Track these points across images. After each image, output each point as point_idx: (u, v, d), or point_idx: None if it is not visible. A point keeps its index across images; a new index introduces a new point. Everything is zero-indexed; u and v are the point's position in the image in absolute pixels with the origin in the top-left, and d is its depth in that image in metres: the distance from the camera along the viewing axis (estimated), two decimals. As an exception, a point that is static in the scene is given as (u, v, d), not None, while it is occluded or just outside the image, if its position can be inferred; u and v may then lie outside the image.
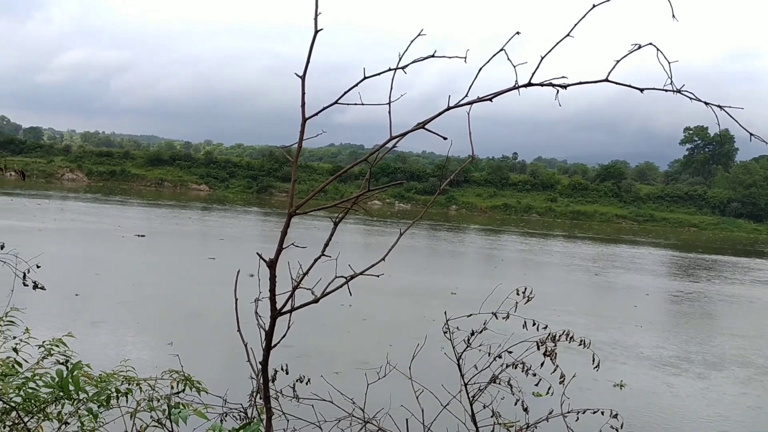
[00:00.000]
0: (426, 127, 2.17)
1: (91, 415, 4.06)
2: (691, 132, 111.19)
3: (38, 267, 3.24)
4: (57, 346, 4.57)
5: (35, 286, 3.18)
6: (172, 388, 4.16)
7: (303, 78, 2.28)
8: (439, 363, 3.50)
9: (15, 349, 4.49)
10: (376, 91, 2.27)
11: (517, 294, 3.28)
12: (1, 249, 2.92)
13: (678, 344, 19.89)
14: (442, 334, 3.44)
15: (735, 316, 27.34)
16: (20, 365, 4.32)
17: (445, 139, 2.24)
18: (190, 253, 33.52)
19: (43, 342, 4.61)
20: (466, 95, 2.14)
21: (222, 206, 75.84)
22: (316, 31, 2.14)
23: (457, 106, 2.14)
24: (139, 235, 36.61)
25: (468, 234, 65.15)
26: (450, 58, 2.20)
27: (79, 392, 3.78)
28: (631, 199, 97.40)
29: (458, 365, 3.16)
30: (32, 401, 3.86)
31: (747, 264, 50.78)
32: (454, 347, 3.22)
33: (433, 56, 2.18)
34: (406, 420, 3.06)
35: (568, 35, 2.09)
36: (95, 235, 37.36)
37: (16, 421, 3.95)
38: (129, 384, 4.23)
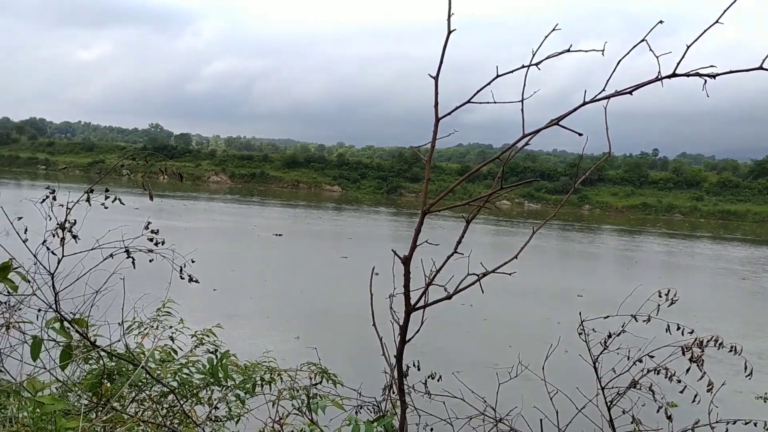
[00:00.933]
0: (560, 123, 2.12)
1: (238, 401, 4.41)
2: None
3: (193, 262, 3.50)
4: (207, 335, 4.92)
5: (190, 279, 3.41)
6: (311, 379, 4.33)
7: (436, 79, 2.29)
8: (570, 365, 3.39)
9: (171, 338, 4.85)
10: (506, 88, 2.25)
11: (660, 296, 3.10)
12: (162, 244, 3.24)
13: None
14: (569, 337, 3.33)
15: None
16: (176, 352, 4.65)
17: (580, 135, 2.19)
18: (323, 252, 34.70)
19: (195, 332, 4.95)
20: (604, 89, 2.05)
21: (352, 206, 77.86)
22: (449, 32, 2.15)
23: (594, 100, 2.06)
24: (276, 234, 38.63)
25: (601, 234, 62.81)
26: (586, 52, 2.14)
27: (227, 379, 4.05)
28: None
29: (594, 368, 3.05)
30: (186, 386, 4.22)
31: None
32: (590, 349, 3.11)
33: (568, 51, 2.13)
34: (540, 421, 3.00)
35: (717, 22, 1.96)
36: (234, 233, 39.89)
37: (173, 404, 4.28)
38: (271, 374, 4.47)
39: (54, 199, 3.08)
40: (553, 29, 2.12)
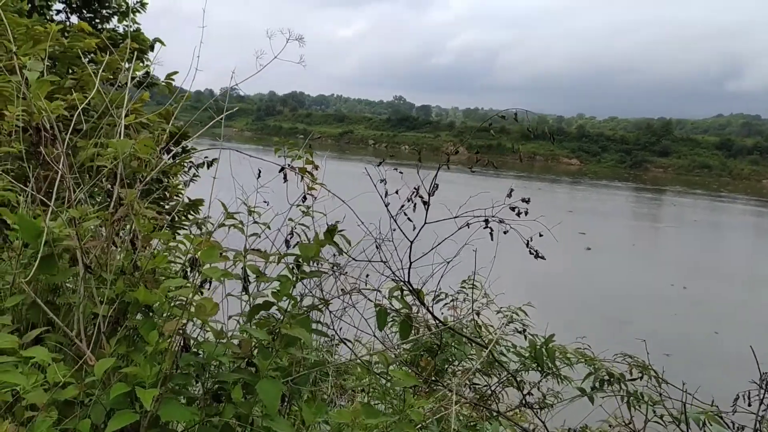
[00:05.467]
0: None
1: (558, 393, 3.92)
2: None
3: (540, 236, 3.10)
4: (516, 313, 4.55)
5: (537, 256, 3.09)
6: (630, 373, 3.73)
7: None
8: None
9: (477, 312, 4.47)
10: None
11: None
12: (526, 214, 3.02)
13: None
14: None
15: None
16: (484, 328, 4.37)
17: None
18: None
19: (501, 308, 4.59)
20: None
21: (597, 181, 72.28)
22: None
23: None
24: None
25: None
26: None
27: (551, 364, 3.67)
28: None
29: None
30: (502, 367, 3.85)
31: None
32: None
33: None
34: None
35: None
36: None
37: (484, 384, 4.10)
38: (593, 365, 3.85)
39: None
40: None
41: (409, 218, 3.13)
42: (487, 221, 3.02)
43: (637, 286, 20.27)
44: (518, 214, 3.04)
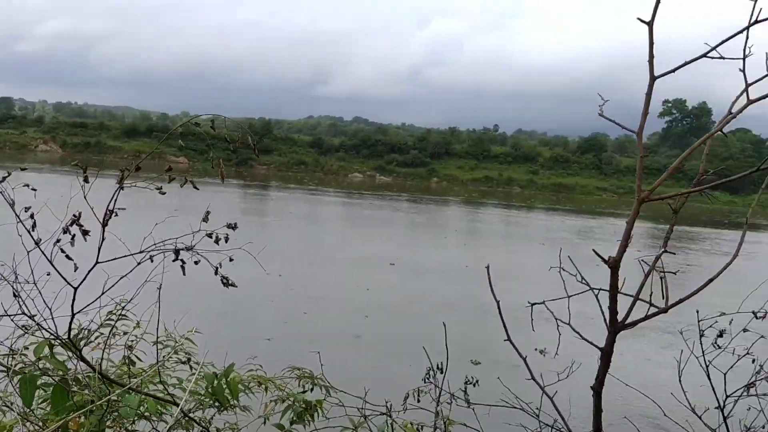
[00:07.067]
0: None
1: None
2: (669, 105, 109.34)
3: (231, 260, 2.59)
4: (178, 342, 3.75)
5: (227, 284, 2.64)
6: (303, 387, 3.62)
7: (650, 24, 1.94)
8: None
9: (130, 347, 3.61)
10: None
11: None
12: (226, 241, 2.52)
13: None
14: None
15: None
16: (134, 364, 3.56)
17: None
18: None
19: (159, 338, 3.56)
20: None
21: (208, 180, 65.75)
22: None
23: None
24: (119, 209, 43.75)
25: (447, 206, 65.06)
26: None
27: (235, 399, 3.15)
28: (612, 171, 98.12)
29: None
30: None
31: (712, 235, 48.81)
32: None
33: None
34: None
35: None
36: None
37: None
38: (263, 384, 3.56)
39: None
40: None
41: (68, 255, 2.38)
42: (177, 252, 2.49)
43: (239, 280, 20.86)
44: (216, 241, 2.56)
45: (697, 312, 2.74)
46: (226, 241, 2.57)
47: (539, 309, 2.39)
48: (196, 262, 2.45)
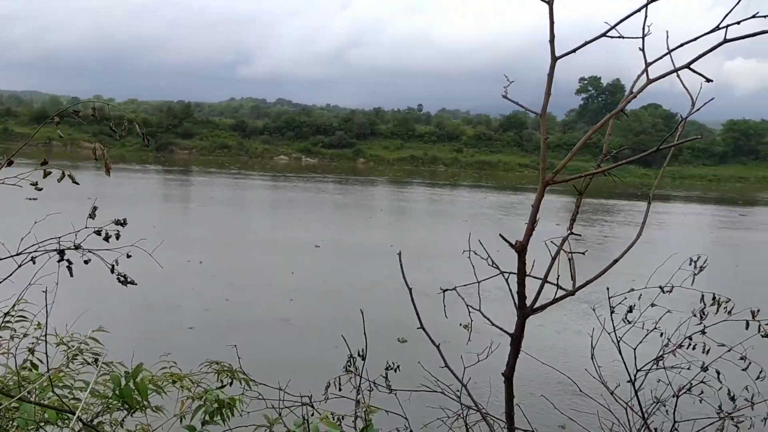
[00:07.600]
0: (691, 68, 1.87)
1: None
2: (585, 82, 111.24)
3: (129, 257, 2.44)
4: (86, 343, 3.54)
5: (125, 282, 2.44)
6: (221, 381, 3.50)
7: (551, 4, 1.93)
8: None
9: (31, 350, 3.39)
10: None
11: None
12: (117, 238, 2.34)
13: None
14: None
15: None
16: (36, 367, 3.34)
17: (709, 81, 1.92)
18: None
19: (62, 338, 3.50)
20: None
21: (124, 166, 69.26)
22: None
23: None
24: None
25: (375, 186, 65.76)
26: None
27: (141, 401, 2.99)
28: (532, 148, 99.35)
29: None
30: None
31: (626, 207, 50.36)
32: None
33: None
34: None
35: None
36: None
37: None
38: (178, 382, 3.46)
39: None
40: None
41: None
42: (62, 253, 2.29)
43: (156, 270, 19.98)
44: (107, 239, 2.36)
45: (608, 289, 2.80)
46: (117, 239, 2.39)
47: (465, 281, 2.38)
48: (86, 262, 2.29)
